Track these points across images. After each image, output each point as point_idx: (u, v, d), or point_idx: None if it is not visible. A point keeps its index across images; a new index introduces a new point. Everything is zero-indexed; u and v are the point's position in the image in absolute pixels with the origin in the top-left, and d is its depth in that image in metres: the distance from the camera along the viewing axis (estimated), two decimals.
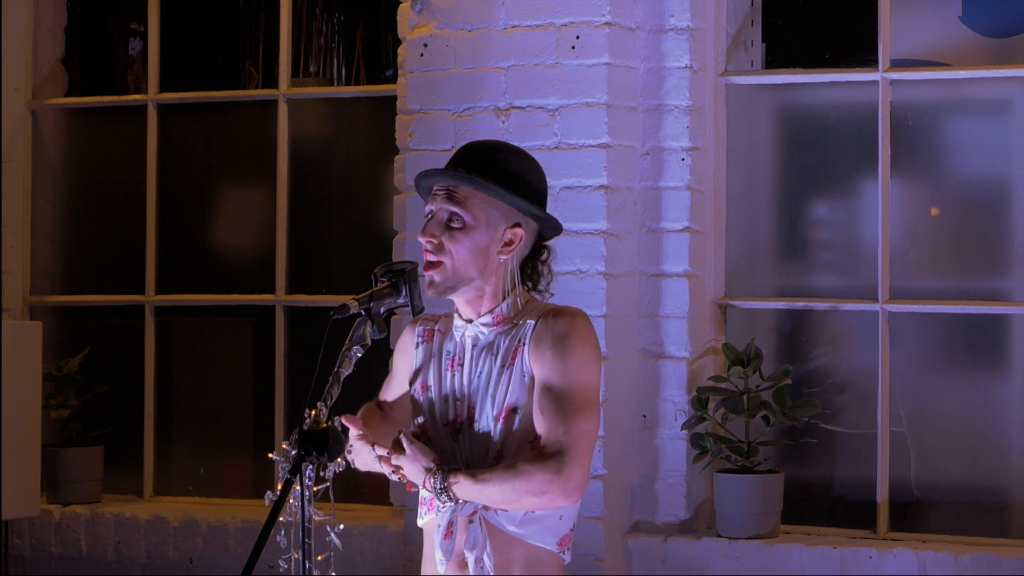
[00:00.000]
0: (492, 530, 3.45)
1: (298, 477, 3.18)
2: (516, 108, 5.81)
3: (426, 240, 3.48)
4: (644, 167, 5.88)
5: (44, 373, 6.46)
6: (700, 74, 5.89)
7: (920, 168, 5.95)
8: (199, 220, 6.95)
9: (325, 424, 3.21)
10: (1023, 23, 5.96)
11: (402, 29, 6.14)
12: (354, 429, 3.48)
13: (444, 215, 3.48)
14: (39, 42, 7.11)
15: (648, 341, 5.86)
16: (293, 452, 3.20)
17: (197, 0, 7.16)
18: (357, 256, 6.64)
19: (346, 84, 6.98)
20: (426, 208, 3.53)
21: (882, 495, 5.76)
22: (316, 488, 3.25)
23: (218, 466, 6.86)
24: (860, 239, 6.00)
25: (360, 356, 3.39)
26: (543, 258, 3.57)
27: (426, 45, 5.94)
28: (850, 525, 5.83)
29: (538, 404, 3.42)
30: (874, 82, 5.84)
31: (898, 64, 5.88)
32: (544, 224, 3.56)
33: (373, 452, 3.47)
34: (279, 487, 3.18)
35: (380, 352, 5.80)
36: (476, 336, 3.53)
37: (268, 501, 3.24)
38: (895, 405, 5.82)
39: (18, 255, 7.01)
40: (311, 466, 3.20)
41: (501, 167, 3.50)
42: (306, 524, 3.18)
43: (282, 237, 6.64)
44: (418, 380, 3.60)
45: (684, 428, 5.78)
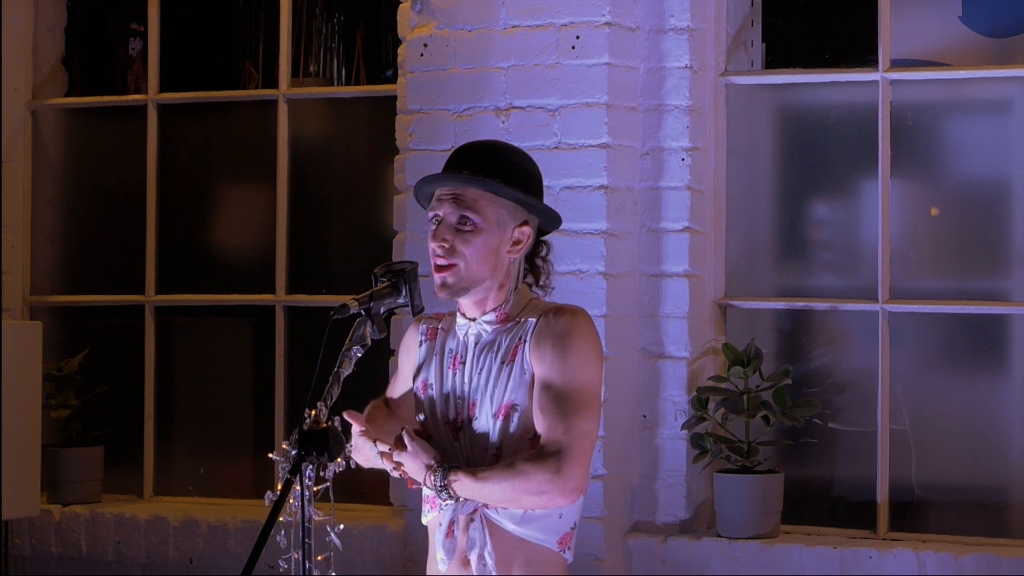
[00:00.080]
0: (493, 529, 3.45)
1: (298, 477, 3.18)
2: (516, 108, 5.81)
3: (437, 245, 3.47)
4: (644, 167, 5.88)
5: (44, 373, 6.45)
6: (700, 74, 5.89)
7: (920, 168, 5.95)
8: (199, 220, 6.95)
9: (325, 424, 3.21)
10: (1023, 23, 5.96)
11: (402, 29, 6.14)
12: (356, 425, 3.49)
13: (454, 218, 3.47)
14: (39, 42, 7.10)
15: (648, 341, 5.86)
16: (293, 452, 3.20)
17: (197, 0, 7.16)
18: (357, 256, 6.64)
19: (346, 84, 6.98)
20: (430, 213, 3.52)
21: (882, 495, 5.76)
22: (316, 488, 3.25)
23: (218, 466, 6.86)
24: (860, 239, 6.00)
25: (360, 356, 3.39)
26: (543, 254, 3.58)
27: (426, 45, 5.94)
28: (850, 525, 5.83)
29: (538, 403, 3.42)
30: (874, 82, 5.84)
31: (898, 64, 5.88)
32: (545, 218, 3.56)
33: (375, 448, 3.47)
34: (279, 487, 3.18)
35: (380, 352, 5.82)
36: (479, 334, 3.53)
37: (268, 501, 3.24)
38: (895, 405, 5.81)
39: (18, 255, 7.00)
40: (311, 466, 3.20)
41: (507, 166, 3.50)
42: (306, 524, 3.18)
43: (282, 237, 6.64)
44: (420, 378, 3.60)
45: (684, 428, 5.78)
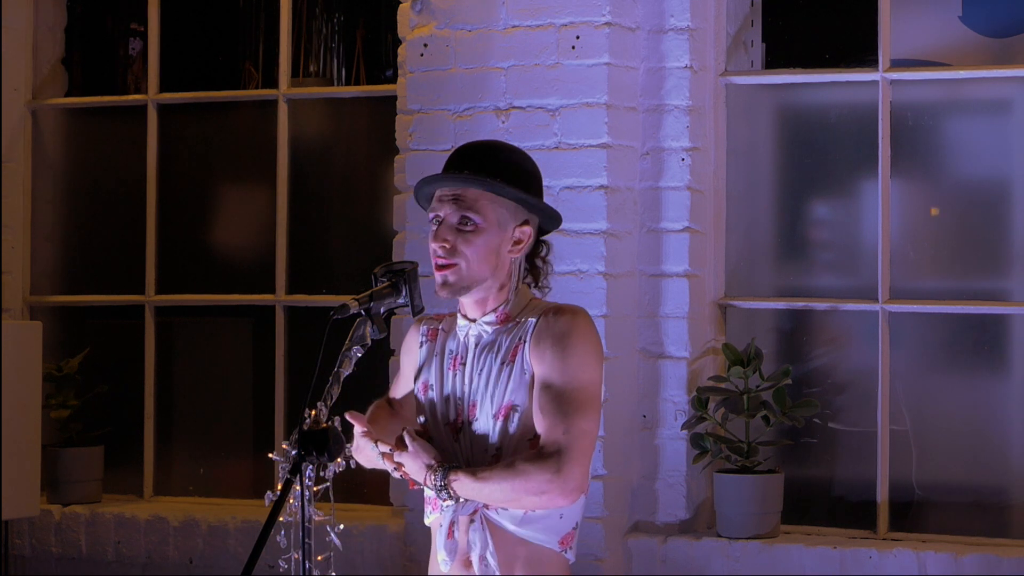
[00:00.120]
0: (494, 529, 3.45)
1: (298, 477, 3.18)
2: (516, 108, 5.81)
3: (439, 245, 3.46)
4: (644, 167, 5.88)
5: (44, 373, 6.45)
6: (700, 74, 5.89)
7: (920, 168, 5.95)
8: (199, 220, 6.95)
9: (325, 424, 3.21)
10: (1023, 23, 5.96)
11: (402, 29, 6.14)
12: (358, 426, 3.48)
13: (455, 219, 3.47)
14: (39, 42, 7.10)
15: (648, 341, 5.85)
16: (293, 452, 3.20)
17: (197, 0, 7.16)
18: (357, 256, 6.64)
19: (346, 84, 6.98)
20: (431, 213, 3.52)
21: (882, 495, 5.76)
22: (316, 488, 3.25)
23: (218, 466, 6.86)
24: (860, 239, 6.00)
25: (360, 356, 3.39)
26: (543, 254, 3.57)
27: (426, 45, 5.94)
28: (850, 525, 5.83)
29: (538, 403, 3.42)
30: (874, 82, 5.84)
31: (898, 64, 5.87)
32: (545, 218, 3.56)
33: (377, 449, 3.47)
34: (279, 487, 3.18)
35: (380, 352, 5.82)
36: (479, 335, 3.53)
37: (268, 501, 3.24)
38: (895, 405, 5.81)
39: (18, 255, 7.00)
40: (311, 466, 3.20)
41: (507, 166, 3.50)
42: (306, 524, 3.18)
43: (282, 237, 6.64)
44: (420, 379, 3.60)
45: (684, 428, 5.78)
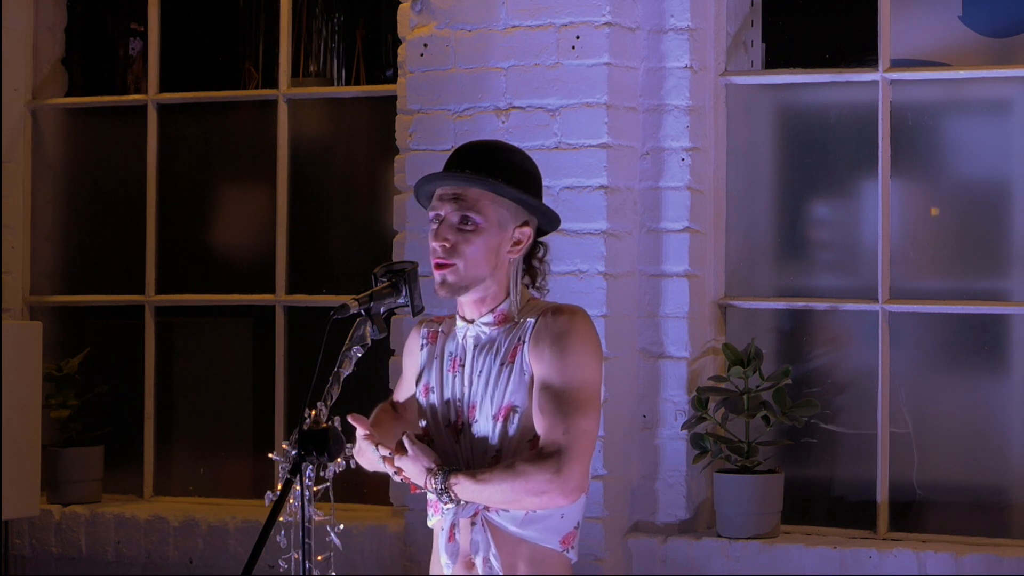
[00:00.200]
0: (495, 530, 3.45)
1: (298, 477, 3.18)
2: (516, 108, 5.81)
3: (439, 244, 3.46)
4: (644, 167, 5.88)
5: (44, 373, 6.45)
6: (700, 74, 5.89)
7: (920, 168, 5.95)
8: (199, 220, 6.95)
9: (325, 424, 3.21)
10: (1023, 23, 5.96)
11: (402, 29, 6.14)
12: (360, 429, 3.48)
13: (455, 218, 3.47)
14: (39, 42, 7.10)
15: (648, 341, 5.85)
16: (293, 452, 3.19)
17: (197, 0, 7.16)
18: (357, 256, 6.64)
19: (346, 84, 6.98)
20: (431, 213, 3.52)
21: (882, 495, 5.76)
22: (316, 488, 3.24)
23: (218, 466, 6.86)
24: (860, 239, 6.00)
25: (360, 356, 3.38)
26: (540, 255, 3.57)
27: (426, 45, 5.93)
28: (850, 525, 5.83)
29: (537, 403, 3.42)
30: (874, 82, 5.84)
31: (898, 64, 5.87)
32: (545, 219, 3.56)
33: (378, 452, 3.46)
34: (279, 487, 3.17)
35: (380, 352, 5.82)
36: (478, 336, 3.53)
37: (268, 501, 3.23)
38: (895, 405, 5.81)
39: (18, 255, 7.00)
40: (311, 466, 3.20)
41: (508, 166, 3.50)
42: (306, 524, 3.18)
43: (282, 237, 6.64)
44: (422, 382, 3.60)
45: (684, 428, 5.78)
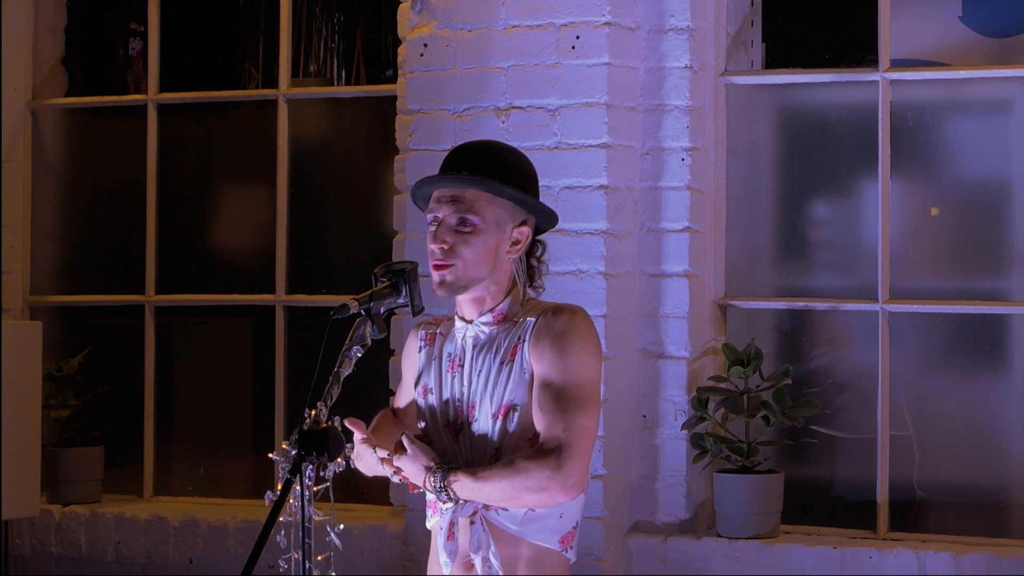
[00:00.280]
0: (494, 530, 3.45)
1: (298, 477, 3.18)
2: (516, 108, 5.81)
3: (437, 247, 3.46)
4: (644, 167, 5.88)
5: (44, 373, 6.45)
6: (700, 74, 5.89)
7: (920, 168, 5.95)
8: (199, 220, 6.95)
9: (325, 424, 3.21)
10: (1023, 23, 5.96)
11: (402, 29, 6.14)
12: (358, 432, 3.47)
13: (454, 220, 3.47)
14: (39, 42, 7.10)
15: (648, 341, 5.85)
16: (293, 452, 3.19)
17: (197, 0, 7.16)
18: (357, 256, 6.64)
19: (346, 84, 6.98)
20: (429, 215, 3.52)
21: (882, 495, 5.76)
22: (316, 488, 3.24)
23: (218, 466, 6.86)
24: (860, 239, 6.00)
25: (360, 356, 3.38)
26: (538, 253, 3.57)
27: (426, 45, 5.94)
28: (850, 525, 5.83)
29: (537, 401, 3.42)
30: (874, 82, 5.84)
31: (898, 64, 5.87)
32: (542, 218, 3.56)
33: (376, 454, 3.46)
34: (279, 487, 3.17)
35: (380, 352, 5.82)
36: (476, 336, 3.53)
37: (268, 501, 3.23)
38: (895, 405, 5.81)
39: (18, 255, 7.00)
40: (311, 466, 3.20)
41: (505, 166, 3.50)
42: (306, 524, 3.18)
43: (282, 237, 6.64)
44: (420, 383, 3.60)
45: (684, 428, 5.78)
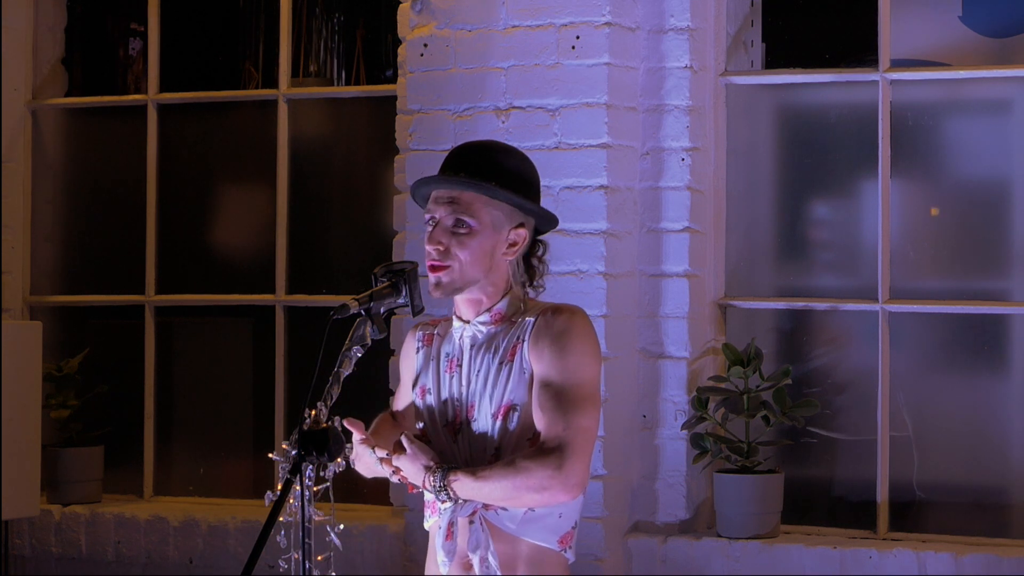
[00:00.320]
0: (493, 529, 3.45)
1: (298, 477, 3.18)
2: (516, 108, 5.81)
3: (433, 247, 3.47)
4: (644, 167, 5.88)
5: (44, 373, 6.45)
6: (700, 74, 5.89)
7: (920, 168, 5.95)
8: (199, 220, 6.95)
9: (325, 424, 3.21)
10: (1023, 23, 5.96)
11: (402, 29, 6.14)
12: (357, 433, 3.47)
13: (450, 221, 3.47)
14: (39, 42, 7.10)
15: (648, 341, 5.85)
16: (293, 452, 3.19)
17: (197, 0, 7.16)
18: (357, 256, 6.64)
19: (346, 84, 6.98)
20: (426, 215, 3.52)
21: (882, 495, 5.76)
22: (316, 488, 3.24)
23: (218, 466, 6.86)
24: (860, 239, 6.00)
25: (360, 356, 3.38)
26: (539, 253, 3.57)
27: (426, 45, 5.93)
28: (850, 525, 5.83)
29: (537, 400, 3.42)
30: (874, 82, 5.84)
31: (898, 64, 5.87)
32: (541, 219, 3.56)
33: (375, 455, 3.46)
34: (279, 487, 3.17)
35: (380, 352, 5.82)
36: (474, 336, 3.53)
37: (268, 501, 3.23)
38: (895, 405, 5.81)
39: (18, 255, 7.00)
40: (311, 466, 3.20)
41: (502, 168, 3.50)
42: (306, 524, 3.18)
43: (282, 237, 6.64)
44: (419, 384, 3.60)
45: (684, 428, 5.78)
